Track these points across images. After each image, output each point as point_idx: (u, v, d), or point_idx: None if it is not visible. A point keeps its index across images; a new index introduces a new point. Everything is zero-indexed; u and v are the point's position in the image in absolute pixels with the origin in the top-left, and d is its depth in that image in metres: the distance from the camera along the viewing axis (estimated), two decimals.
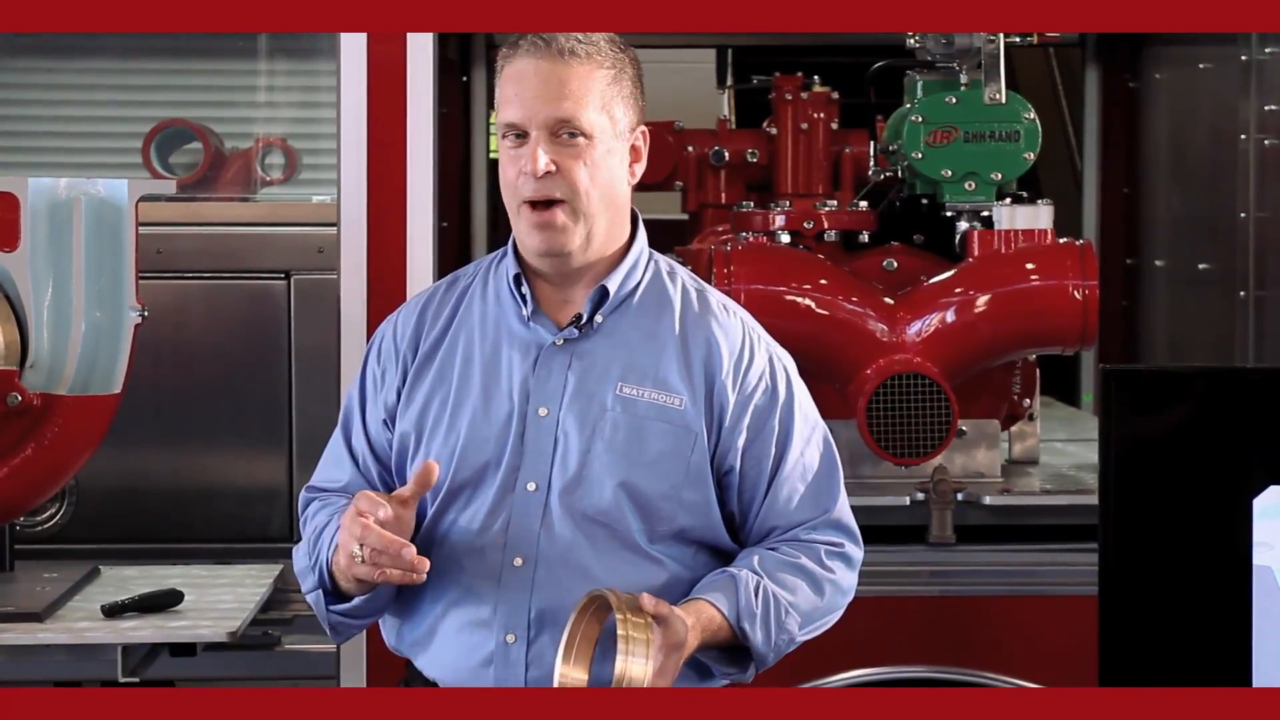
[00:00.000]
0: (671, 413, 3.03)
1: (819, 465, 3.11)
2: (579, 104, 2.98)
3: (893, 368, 4.23)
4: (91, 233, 3.82)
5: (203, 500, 4.54)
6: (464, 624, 3.03)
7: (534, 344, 3.07)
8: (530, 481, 3.02)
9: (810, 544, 3.07)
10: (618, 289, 3.07)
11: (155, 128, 5.22)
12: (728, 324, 3.10)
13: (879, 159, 4.63)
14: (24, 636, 3.57)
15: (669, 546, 3.03)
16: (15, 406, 3.71)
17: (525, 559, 3.00)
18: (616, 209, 3.07)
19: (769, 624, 2.98)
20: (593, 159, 3.00)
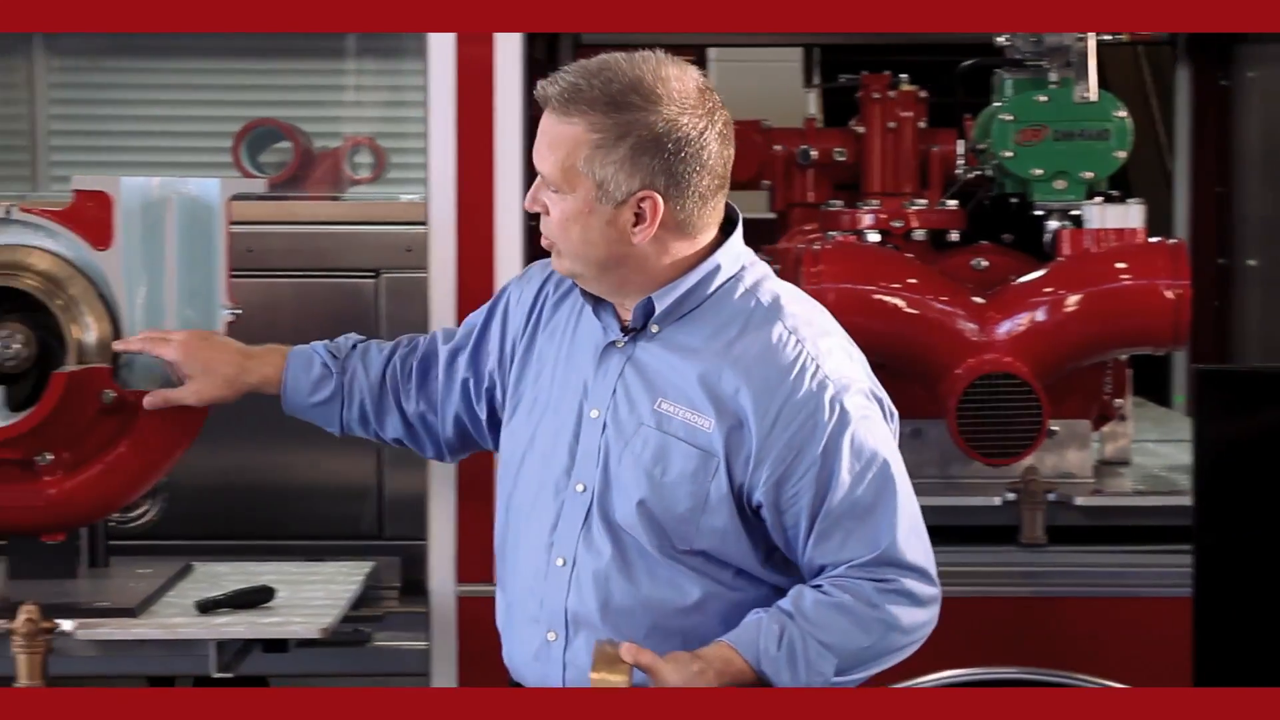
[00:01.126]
0: (699, 435, 2.96)
1: (871, 501, 2.94)
2: (553, 162, 2.94)
3: (983, 367, 4.21)
4: (184, 231, 3.84)
5: (294, 498, 4.56)
6: (522, 617, 3.07)
7: (601, 342, 3.06)
8: (580, 482, 3.03)
9: (858, 581, 2.94)
10: (672, 303, 3.00)
11: (245, 127, 5.26)
12: (780, 351, 2.96)
13: (968, 158, 4.61)
14: (119, 632, 3.60)
15: (699, 563, 2.99)
16: (109, 404, 3.74)
17: (565, 559, 3.02)
18: (602, 262, 2.98)
19: (795, 667, 2.91)
20: (562, 213, 2.96)
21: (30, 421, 3.69)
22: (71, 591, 3.78)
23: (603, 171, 2.92)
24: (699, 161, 2.93)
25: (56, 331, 3.74)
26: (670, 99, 2.91)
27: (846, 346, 3.04)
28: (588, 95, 2.91)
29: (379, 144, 5.30)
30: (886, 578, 2.94)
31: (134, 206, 3.80)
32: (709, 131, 2.94)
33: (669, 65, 2.95)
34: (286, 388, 3.50)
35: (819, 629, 2.92)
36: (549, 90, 2.93)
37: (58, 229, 3.78)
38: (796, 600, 2.95)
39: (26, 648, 3.41)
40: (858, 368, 3.03)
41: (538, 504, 3.07)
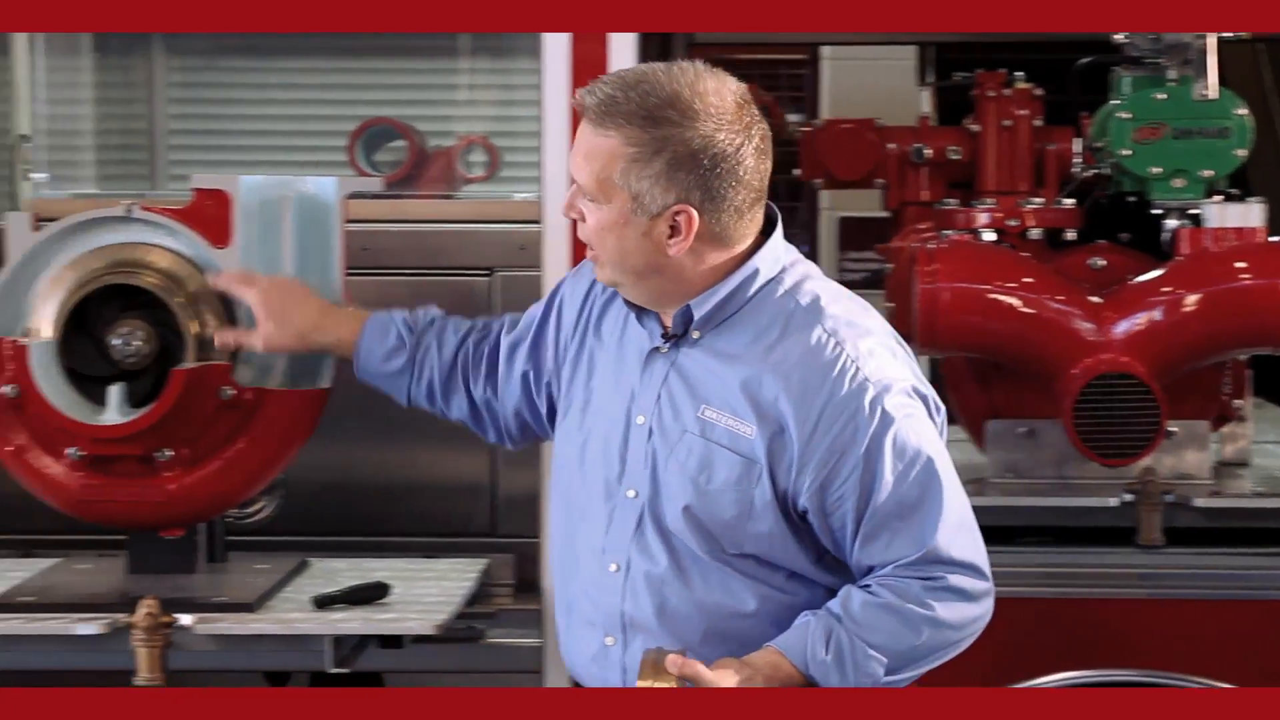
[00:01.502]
0: (741, 441, 2.96)
1: (915, 499, 2.93)
2: (586, 171, 2.94)
3: (1099, 367, 4.18)
4: (301, 229, 3.86)
5: (408, 495, 4.58)
6: (581, 619, 3.10)
7: (646, 348, 3.07)
8: (631, 488, 3.04)
9: (905, 580, 2.94)
10: (709, 310, 3.00)
11: (360, 126, 5.28)
12: (820, 354, 2.94)
13: (1085, 156, 4.58)
14: (236, 626, 3.63)
15: (750, 567, 2.99)
16: (228, 400, 3.77)
17: (619, 565, 3.03)
18: (637, 270, 2.98)
19: (844, 668, 2.91)
20: (596, 221, 2.96)
21: (150, 418, 3.72)
22: (190, 586, 3.81)
23: (638, 185, 2.92)
24: (735, 177, 2.93)
25: (176, 329, 3.77)
26: (707, 114, 2.91)
27: (890, 344, 3.02)
28: (624, 108, 2.90)
29: (493, 143, 5.31)
30: (934, 575, 2.94)
31: (252, 205, 3.83)
32: (746, 147, 2.93)
33: (707, 78, 2.94)
34: (360, 353, 3.54)
35: (867, 630, 2.92)
36: (587, 100, 2.93)
37: (177, 227, 3.82)
38: (845, 602, 2.94)
39: (146, 642, 3.45)
40: (900, 366, 3.00)
41: (591, 509, 3.08)
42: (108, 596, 3.72)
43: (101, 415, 3.74)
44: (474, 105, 5.47)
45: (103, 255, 3.81)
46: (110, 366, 3.79)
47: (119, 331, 3.77)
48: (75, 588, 3.83)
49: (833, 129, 4.98)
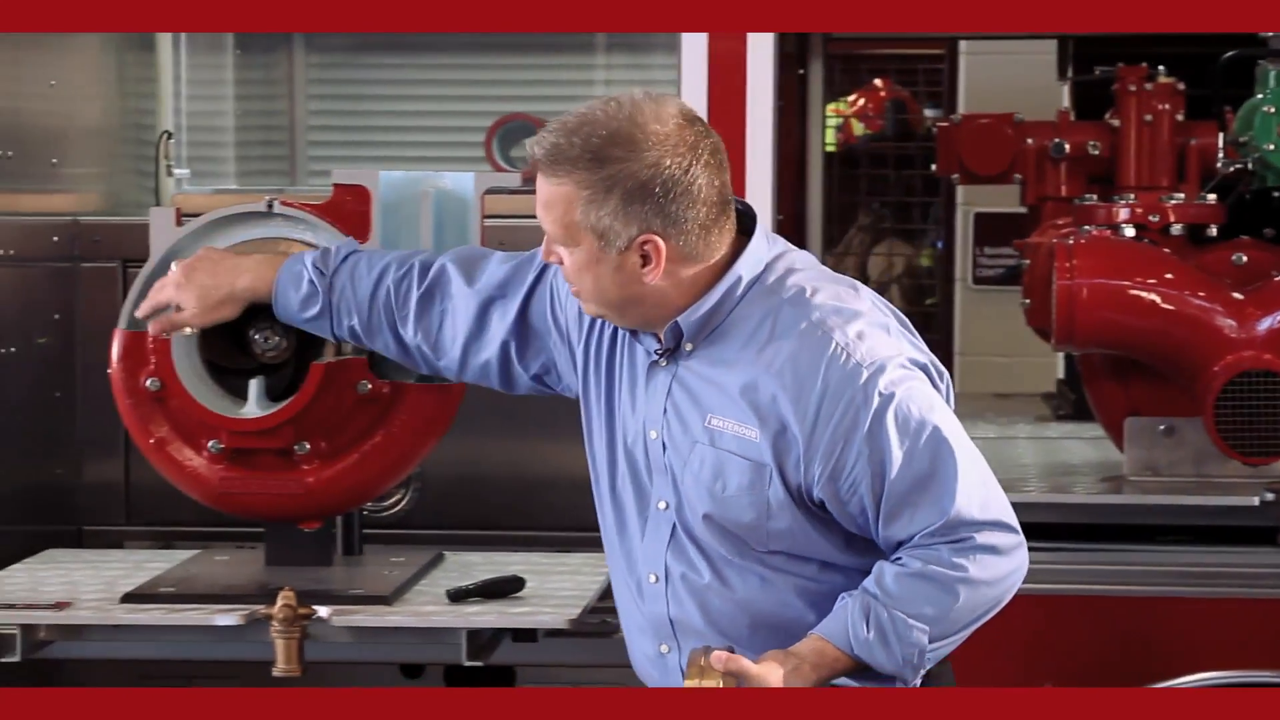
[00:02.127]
0: (749, 446, 2.97)
1: (929, 469, 2.92)
2: (555, 222, 2.97)
3: (1241, 365, 4.13)
4: (439, 224, 3.89)
5: (542, 489, 4.60)
6: (633, 626, 3.15)
7: (646, 362, 3.09)
8: (661, 500, 3.07)
9: (932, 547, 2.93)
10: (695, 323, 3.01)
11: (497, 121, 5.31)
12: (810, 346, 2.94)
13: (1228, 151, 4.52)
14: (373, 619, 3.66)
15: (783, 562, 3.01)
16: (365, 394, 3.80)
17: (658, 575, 3.08)
18: (631, 304, 3.01)
19: (888, 643, 2.91)
20: (571, 264, 2.99)
21: (289, 411, 3.76)
22: (327, 579, 3.85)
23: (600, 223, 2.94)
24: (690, 197, 2.94)
25: None
26: (649, 143, 2.92)
27: (880, 321, 3.00)
28: (570, 154, 2.93)
29: None
30: (961, 537, 2.93)
31: (391, 200, 3.86)
32: (694, 166, 2.94)
33: (645, 107, 2.95)
34: (277, 302, 3.57)
35: (903, 601, 2.92)
36: (535, 151, 2.97)
37: (317, 222, 3.85)
38: (878, 578, 2.95)
39: (284, 633, 3.49)
40: (893, 341, 2.99)
41: (628, 524, 3.13)
42: (246, 588, 3.76)
43: (241, 409, 3.79)
44: None
45: (244, 250, 3.85)
46: (250, 360, 3.83)
47: (259, 326, 3.80)
48: (214, 579, 3.87)
49: (970, 124, 4.95)
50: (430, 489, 4.52)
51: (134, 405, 3.83)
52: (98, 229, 4.73)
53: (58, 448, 4.64)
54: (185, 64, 5.23)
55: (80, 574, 4.03)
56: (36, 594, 3.81)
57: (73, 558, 4.26)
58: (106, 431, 4.52)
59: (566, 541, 4.41)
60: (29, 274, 4.59)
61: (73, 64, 4.85)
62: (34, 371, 4.57)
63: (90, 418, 4.63)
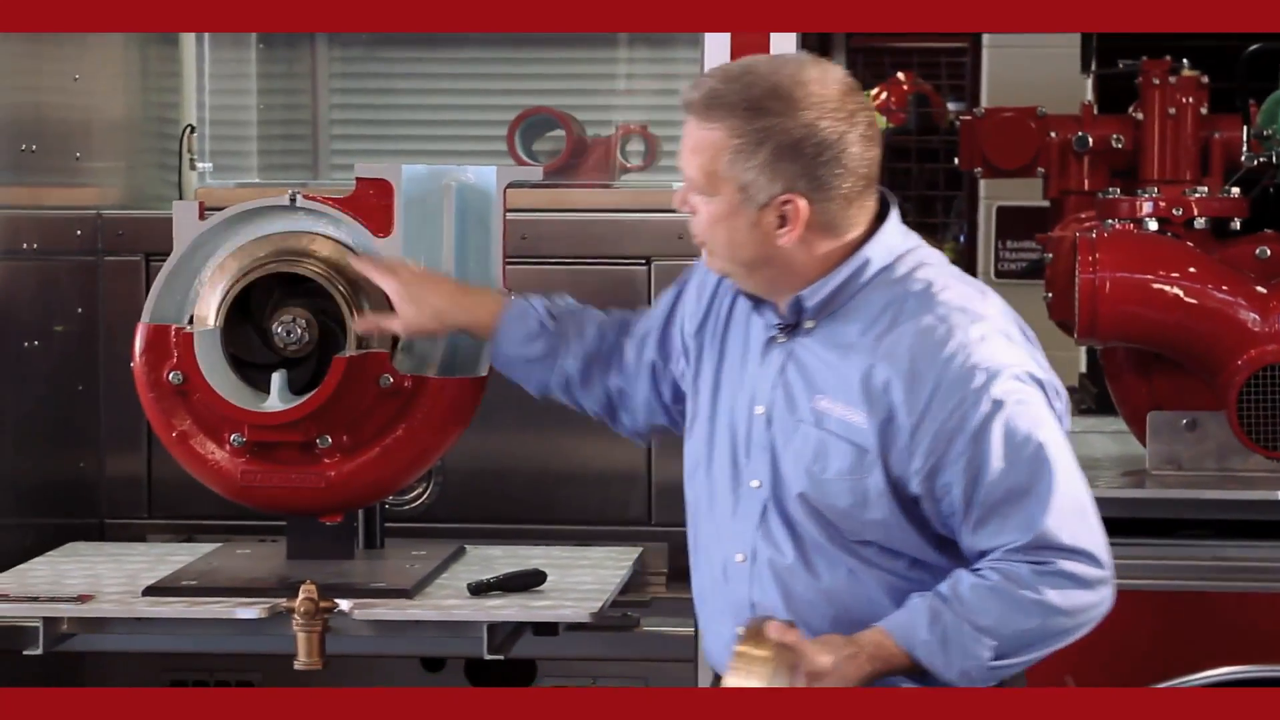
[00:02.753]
0: (854, 430, 2.96)
1: (1025, 484, 2.91)
2: (699, 168, 2.97)
3: (1265, 358, 4.12)
4: (461, 218, 3.89)
5: (564, 483, 4.60)
6: (714, 611, 3.13)
7: (764, 338, 3.08)
8: (754, 479, 3.05)
9: (1015, 564, 2.92)
10: (820, 300, 3.00)
11: (519, 116, 5.30)
12: (932, 340, 2.93)
13: (1252, 144, 4.51)
14: (394, 612, 3.66)
15: (874, 555, 2.99)
16: (387, 388, 3.80)
17: (745, 555, 3.05)
18: (749, 262, 3.00)
19: (949, 651, 2.90)
20: (706, 214, 2.99)
21: (311, 405, 3.76)
22: (348, 572, 3.85)
23: (745, 175, 2.94)
24: (840, 164, 2.94)
25: (337, 317, 3.81)
26: (809, 103, 2.92)
27: (1005, 330, 3.00)
28: (728, 100, 2.93)
29: (651, 132, 5.31)
30: (1044, 560, 2.91)
31: (414, 194, 3.86)
32: (850, 134, 2.94)
33: (810, 68, 2.95)
34: (499, 335, 3.54)
35: (974, 612, 2.90)
36: (691, 95, 2.97)
37: (340, 216, 3.86)
38: (954, 584, 2.93)
39: (305, 626, 3.50)
40: (1015, 351, 2.98)
41: (718, 501, 3.11)
42: (267, 581, 3.77)
43: (264, 402, 3.79)
44: (632, 95, 5.47)
45: (266, 244, 3.86)
46: (272, 354, 3.84)
47: (281, 319, 3.81)
48: (236, 572, 3.88)
49: (993, 117, 4.93)
50: (452, 482, 4.52)
51: (156, 399, 3.84)
52: (121, 223, 4.74)
53: (80, 441, 4.65)
54: (208, 58, 5.23)
55: (102, 567, 4.04)
56: (59, 587, 3.82)
57: (95, 551, 4.27)
58: (129, 425, 4.53)
59: (588, 535, 4.41)
60: (52, 268, 4.60)
61: (96, 58, 4.86)
62: (56, 365, 4.58)
63: (113, 411, 4.64)
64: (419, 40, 5.41)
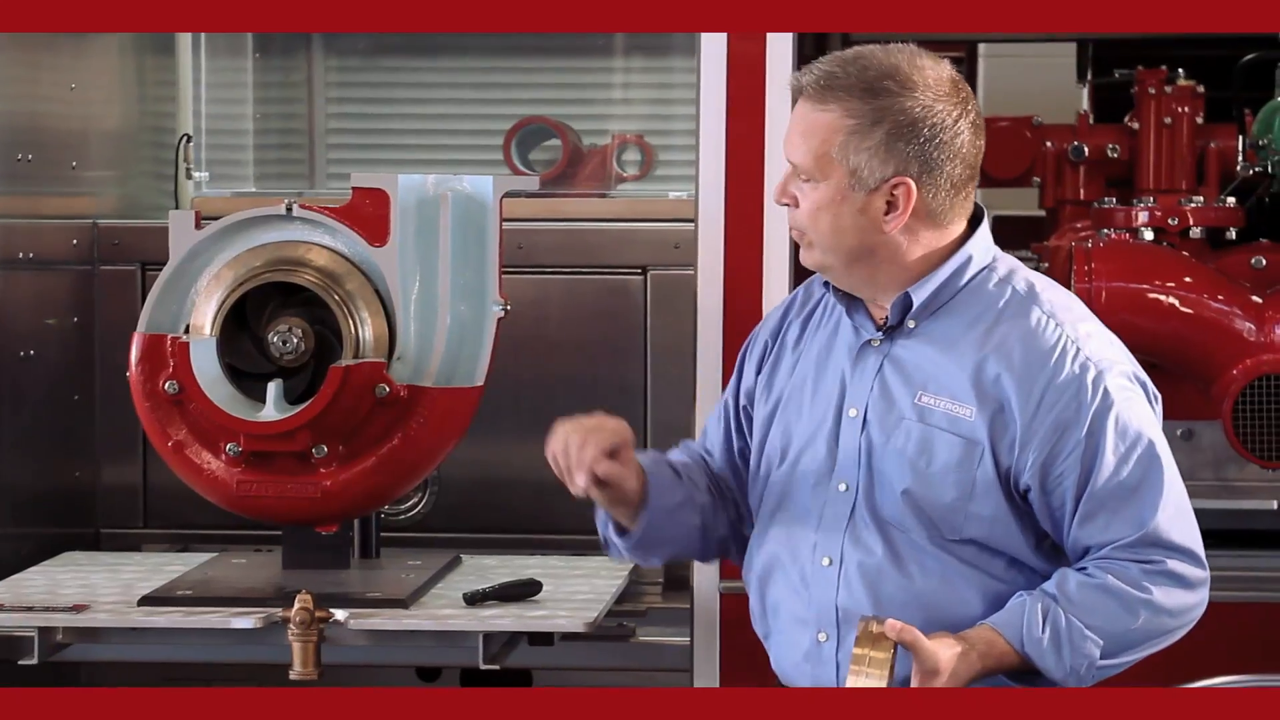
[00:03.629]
0: (961, 424, 2.96)
1: (1136, 480, 2.94)
2: (807, 150, 2.95)
3: (1260, 368, 4.12)
4: (458, 228, 3.90)
5: (560, 493, 4.57)
6: (789, 619, 3.07)
7: (856, 343, 3.07)
8: (841, 482, 3.03)
9: (1123, 563, 2.94)
10: (930, 296, 3.01)
11: (516, 125, 5.31)
12: (1040, 334, 2.97)
13: (1248, 154, 4.51)
14: (390, 622, 3.66)
15: (971, 555, 2.98)
16: (383, 398, 3.80)
17: (832, 558, 3.02)
18: (851, 252, 2.98)
19: (1060, 648, 2.90)
20: (815, 202, 2.97)
21: (307, 414, 3.77)
22: (344, 582, 3.86)
23: (857, 158, 2.94)
24: (952, 149, 2.96)
25: (333, 326, 3.82)
26: (925, 85, 2.94)
27: (1106, 332, 3.05)
28: (844, 82, 2.94)
29: (647, 141, 5.32)
30: (1152, 559, 2.94)
31: (410, 203, 3.87)
32: (962, 120, 2.97)
33: (923, 55, 2.98)
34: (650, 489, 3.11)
35: (1084, 611, 2.91)
36: (804, 79, 2.97)
37: (336, 225, 3.87)
38: (1061, 583, 2.94)
39: (301, 636, 3.50)
40: (1118, 350, 3.03)
41: (798, 508, 3.08)
42: (263, 591, 3.77)
43: (259, 412, 3.79)
44: (628, 104, 5.47)
45: (262, 253, 3.86)
46: (268, 363, 3.84)
47: (277, 329, 3.82)
48: (232, 582, 3.88)
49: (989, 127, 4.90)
50: (447, 492, 4.52)
51: (152, 408, 3.85)
52: (117, 232, 4.74)
53: (76, 450, 4.65)
54: (204, 67, 5.24)
55: (98, 576, 4.04)
56: (54, 596, 3.83)
57: (90, 560, 4.27)
58: (125, 434, 4.54)
59: (584, 545, 4.40)
60: (48, 277, 4.61)
61: (92, 67, 4.86)
62: (53, 374, 4.58)
63: (109, 420, 4.64)
64: (415, 49, 5.42)
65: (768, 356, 3.17)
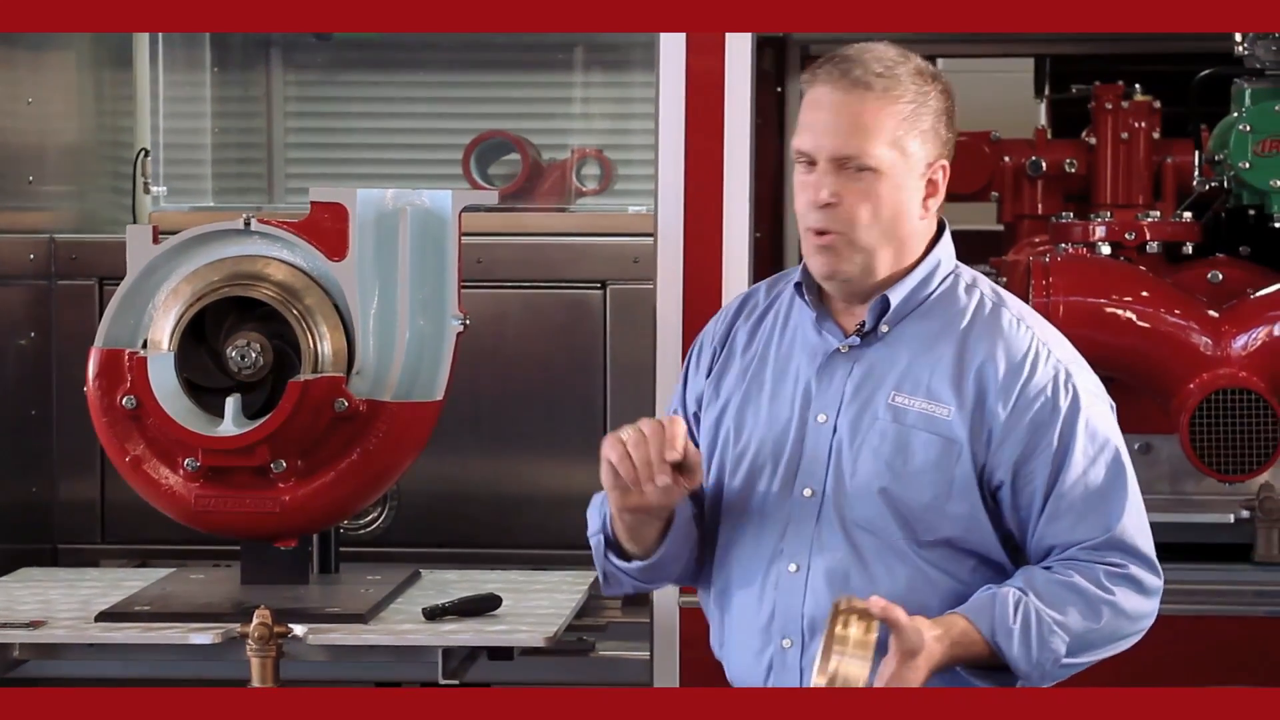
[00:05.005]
0: (938, 423, 2.99)
1: (1103, 484, 2.99)
2: (867, 139, 2.96)
3: (1217, 382, 4.13)
4: (417, 242, 3.89)
5: (519, 507, 4.61)
6: (748, 627, 3.06)
7: (821, 350, 3.07)
8: (806, 487, 3.03)
9: (1088, 564, 2.97)
10: (904, 299, 3.04)
11: (475, 139, 5.31)
12: (1014, 337, 3.03)
13: (1204, 169, 4.53)
14: (349, 637, 3.65)
15: (939, 557, 3.00)
16: (342, 412, 3.80)
17: (799, 565, 3.02)
18: (902, 240, 3.04)
19: (1029, 641, 2.92)
20: (877, 194, 2.98)
21: (265, 429, 3.76)
22: (303, 597, 3.85)
23: (911, 141, 2.99)
24: (953, 133, 3.06)
25: (292, 341, 3.81)
26: (937, 77, 3.03)
27: (1067, 341, 3.10)
28: (895, 71, 2.98)
29: (606, 156, 5.33)
30: (1115, 562, 2.97)
31: (369, 218, 3.86)
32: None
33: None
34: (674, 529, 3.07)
35: (1051, 606, 2.94)
36: (854, 71, 2.97)
37: (294, 240, 3.86)
38: (1028, 579, 2.96)
39: (259, 652, 3.48)
40: (1081, 359, 3.08)
41: (760, 515, 3.07)
42: (221, 606, 3.76)
43: (218, 426, 3.78)
44: (588, 118, 5.48)
45: (220, 268, 3.85)
46: (227, 378, 3.83)
47: (236, 344, 3.81)
48: (190, 598, 3.86)
49: None
50: (407, 507, 4.52)
51: (110, 423, 3.83)
52: (74, 247, 4.73)
53: (33, 466, 4.63)
54: (162, 81, 5.23)
55: (55, 592, 4.02)
56: (11, 612, 3.81)
57: (48, 576, 4.25)
58: (82, 449, 4.52)
59: (544, 559, 4.41)
60: (4, 292, 4.59)
61: (49, 81, 4.85)
62: (9, 389, 4.56)
63: (66, 436, 4.63)
64: (374, 63, 5.42)
65: (716, 360, 3.17)
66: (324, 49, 5.41)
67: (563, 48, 5.42)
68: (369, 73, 5.43)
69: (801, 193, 3.02)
